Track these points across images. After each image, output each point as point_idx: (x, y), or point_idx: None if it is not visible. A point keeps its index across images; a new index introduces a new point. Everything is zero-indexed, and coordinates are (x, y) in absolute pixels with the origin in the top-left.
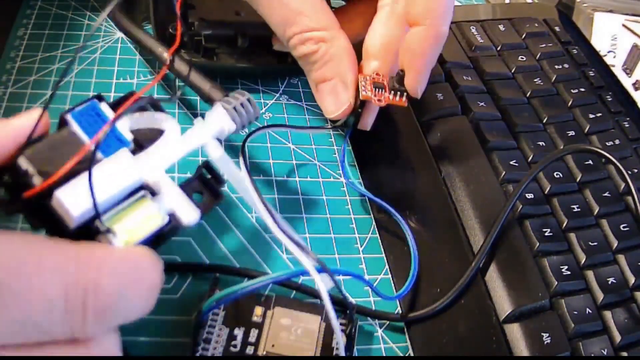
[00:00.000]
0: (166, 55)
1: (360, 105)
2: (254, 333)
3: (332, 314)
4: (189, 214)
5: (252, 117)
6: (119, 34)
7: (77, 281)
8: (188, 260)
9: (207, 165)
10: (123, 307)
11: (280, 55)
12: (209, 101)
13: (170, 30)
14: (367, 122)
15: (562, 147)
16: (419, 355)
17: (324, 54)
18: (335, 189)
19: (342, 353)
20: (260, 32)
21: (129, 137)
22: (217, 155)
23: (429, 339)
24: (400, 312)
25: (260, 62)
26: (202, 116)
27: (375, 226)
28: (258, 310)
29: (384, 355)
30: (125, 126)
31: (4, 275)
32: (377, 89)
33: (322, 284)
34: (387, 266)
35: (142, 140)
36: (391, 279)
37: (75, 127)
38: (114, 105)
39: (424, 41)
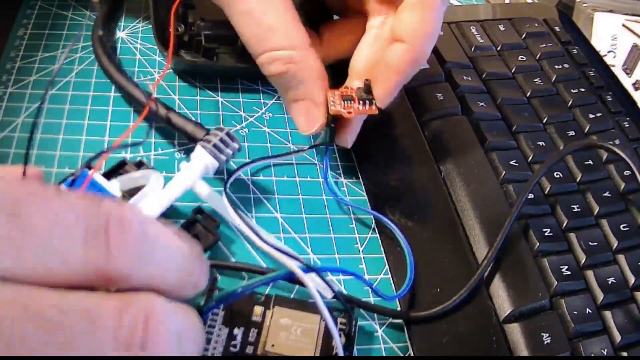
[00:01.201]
0: (144, 99)
1: (332, 121)
2: (253, 333)
3: (325, 311)
4: None
5: (234, 149)
6: (119, 34)
7: (99, 211)
8: None
9: (200, 210)
10: (152, 248)
11: None
12: (192, 140)
13: (170, 30)
14: (346, 139)
15: (572, 143)
16: (419, 355)
17: (294, 76)
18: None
19: (341, 352)
20: None
21: (118, 194)
22: (205, 194)
23: (429, 339)
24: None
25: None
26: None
27: (375, 226)
28: (257, 310)
29: (384, 355)
30: (116, 188)
31: (22, 203)
32: (345, 102)
33: (312, 284)
34: (387, 266)
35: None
36: (391, 278)
37: None
38: (107, 175)
39: (402, 59)
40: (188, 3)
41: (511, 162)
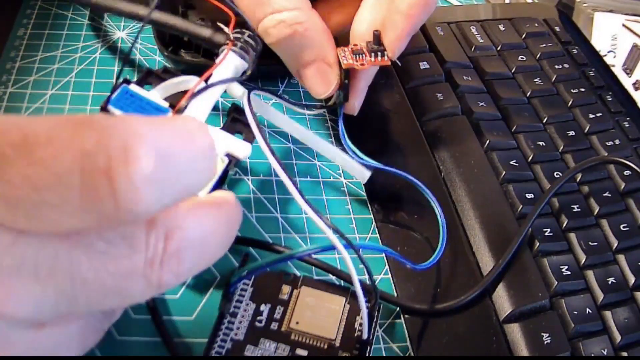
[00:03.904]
0: (221, 37)
1: (345, 77)
2: (279, 310)
3: (356, 280)
4: (242, 149)
5: (258, 50)
6: (119, 34)
7: (98, 149)
8: None
9: (236, 107)
10: (174, 177)
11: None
12: (214, 46)
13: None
14: (354, 104)
15: (585, 160)
16: (419, 355)
17: (302, 37)
18: (335, 189)
19: (366, 331)
20: None
21: (165, 105)
22: (240, 93)
23: (429, 339)
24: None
25: (260, 62)
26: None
27: (376, 226)
28: (285, 289)
29: (384, 355)
30: (158, 97)
31: (5, 149)
32: (357, 56)
33: (347, 256)
34: (387, 266)
35: (176, 103)
36: (391, 278)
37: (118, 113)
38: (139, 83)
39: (414, 3)
40: (188, 3)
41: (511, 162)
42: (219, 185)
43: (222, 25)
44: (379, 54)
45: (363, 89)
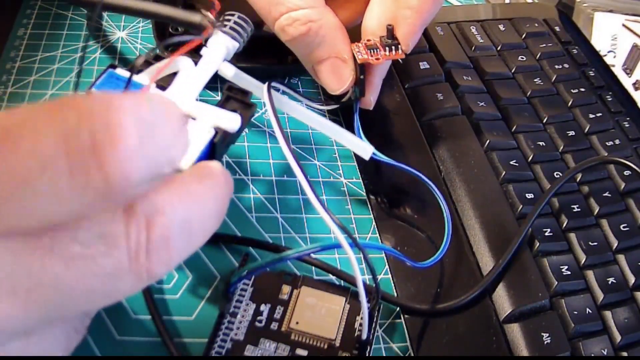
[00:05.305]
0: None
1: (361, 72)
2: (279, 310)
3: (360, 280)
4: (230, 121)
5: (248, 31)
6: (119, 34)
7: (80, 128)
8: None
9: (230, 87)
10: (158, 147)
11: (281, 55)
12: (201, 30)
13: (170, 30)
14: (369, 99)
15: (585, 160)
16: (419, 355)
17: (315, 35)
18: (335, 189)
19: (366, 331)
20: (260, 32)
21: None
22: (232, 74)
23: (429, 339)
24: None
25: (260, 62)
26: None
27: (375, 226)
28: (285, 289)
29: (384, 355)
30: (147, 79)
31: None
32: (371, 50)
33: (353, 256)
34: (387, 266)
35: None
36: (391, 278)
37: None
38: (130, 70)
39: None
40: (188, 3)
41: (511, 162)
42: (205, 158)
43: (204, 12)
44: (393, 47)
45: (378, 83)
